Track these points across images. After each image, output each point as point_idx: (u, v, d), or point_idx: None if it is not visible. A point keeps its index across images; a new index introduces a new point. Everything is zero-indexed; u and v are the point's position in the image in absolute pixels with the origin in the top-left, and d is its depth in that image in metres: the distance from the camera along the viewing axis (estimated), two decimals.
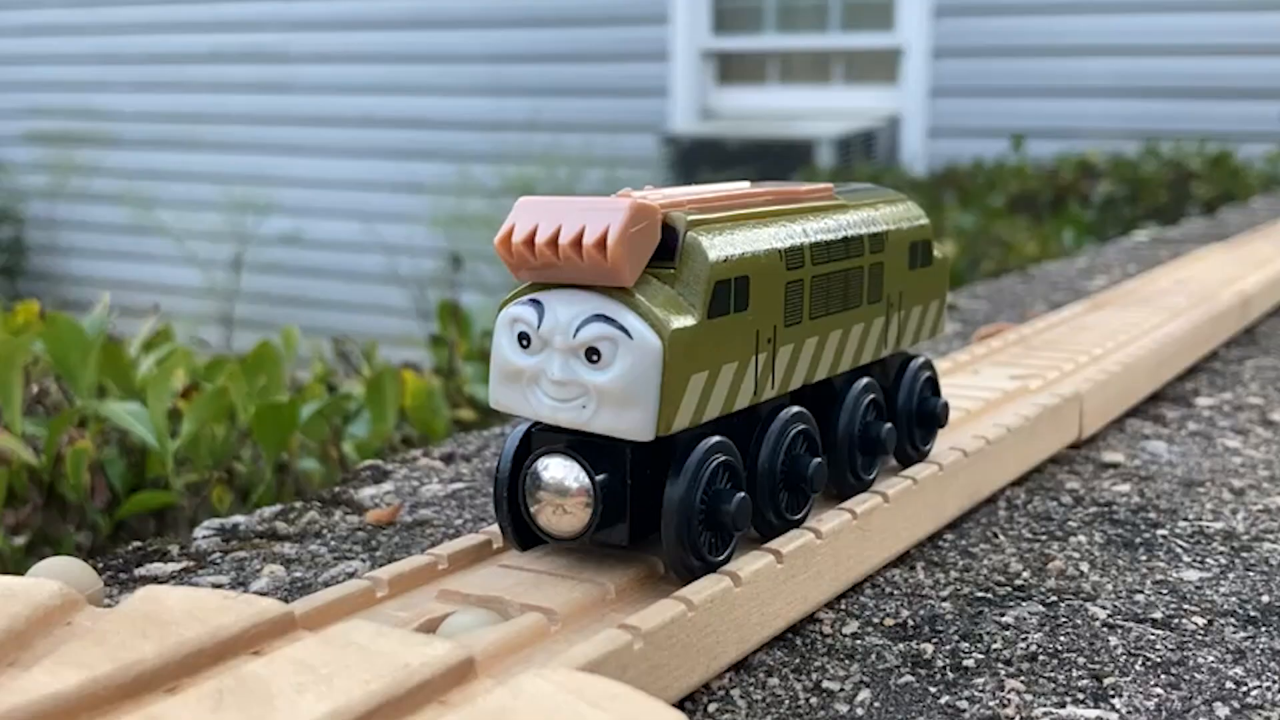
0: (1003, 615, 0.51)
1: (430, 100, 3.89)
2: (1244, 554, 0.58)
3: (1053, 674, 0.46)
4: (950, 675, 0.46)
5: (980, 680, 0.46)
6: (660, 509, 0.45)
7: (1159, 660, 0.47)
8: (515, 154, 3.61)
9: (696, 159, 3.21)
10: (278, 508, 0.67)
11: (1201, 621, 0.51)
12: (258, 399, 0.91)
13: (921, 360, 0.61)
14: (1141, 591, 0.54)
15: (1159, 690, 0.45)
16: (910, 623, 0.51)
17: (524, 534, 0.48)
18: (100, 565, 0.58)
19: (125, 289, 4.04)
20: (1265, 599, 0.53)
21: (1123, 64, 3.07)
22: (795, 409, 0.50)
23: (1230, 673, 0.46)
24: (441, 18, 3.87)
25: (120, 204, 4.34)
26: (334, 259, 4.02)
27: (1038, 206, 2.44)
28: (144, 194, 4.27)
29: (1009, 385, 0.74)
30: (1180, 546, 0.59)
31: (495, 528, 0.50)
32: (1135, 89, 3.06)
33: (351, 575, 0.56)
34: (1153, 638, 0.49)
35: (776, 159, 3.07)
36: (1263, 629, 0.50)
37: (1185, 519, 0.63)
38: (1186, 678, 0.46)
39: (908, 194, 0.70)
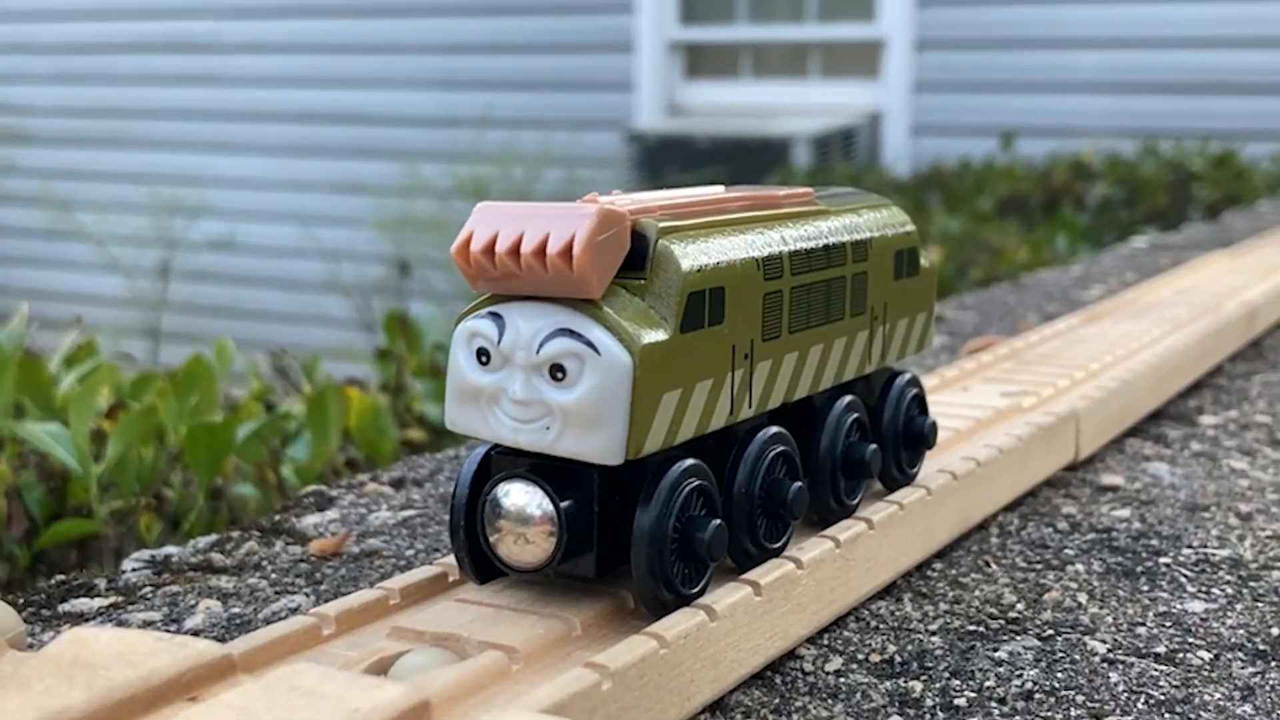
0: (996, 650, 0.52)
1: (374, 94, 3.88)
2: (1252, 583, 0.59)
3: (1050, 713, 0.47)
4: (941, 715, 0.46)
5: None
6: (630, 538, 0.45)
7: (1163, 698, 0.48)
8: (467, 153, 3.61)
9: (664, 158, 3.22)
10: (213, 538, 0.66)
11: (1207, 656, 0.51)
12: (189, 419, 0.91)
13: (908, 377, 0.61)
14: (1143, 624, 0.54)
15: None
16: (897, 659, 0.51)
17: (482, 566, 0.48)
18: (20, 601, 0.58)
19: (43, 299, 4.00)
20: (1275, 631, 0.54)
21: (1119, 57, 3.10)
22: (774, 429, 0.51)
23: (1239, 711, 0.47)
24: (387, 4, 3.87)
25: (37, 206, 4.30)
26: (270, 265, 4.01)
27: (1029, 210, 2.46)
28: (62, 195, 4.24)
29: (1001, 403, 0.75)
30: (1184, 576, 0.60)
31: (451, 559, 0.50)
32: (1132, 83, 3.09)
33: (295, 611, 0.56)
34: (1156, 674, 0.50)
35: (750, 158, 3.08)
36: (1272, 663, 0.51)
37: (1189, 546, 0.64)
38: (1192, 716, 0.46)
39: (890, 196, 0.70)
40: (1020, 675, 0.49)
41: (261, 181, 4.03)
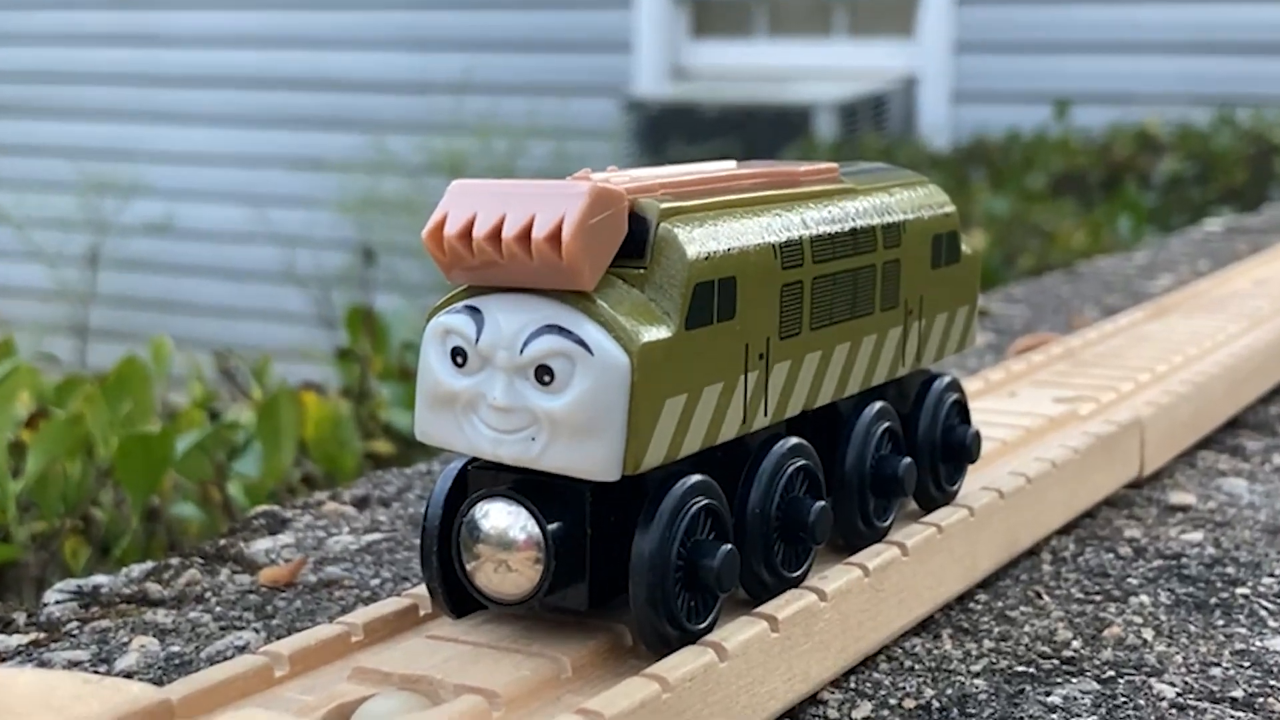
0: (1049, 694, 0.52)
1: (336, 55, 3.88)
2: None
3: None
4: None
5: None
6: (627, 565, 0.45)
7: None
8: (442, 123, 3.61)
9: (667, 129, 3.22)
10: (149, 565, 0.66)
11: None
12: (121, 429, 0.91)
13: (947, 380, 0.61)
14: (1218, 664, 0.54)
15: None
16: (935, 704, 0.51)
17: (458, 597, 0.48)
18: None
19: None
20: None
21: (1190, 12, 3.10)
22: (793, 441, 0.51)
23: None
24: None
25: None
26: (215, 252, 4.01)
27: (1086, 188, 2.46)
28: None
29: (1054, 410, 0.75)
30: (1265, 608, 0.60)
31: (422, 590, 0.50)
32: (1205, 43, 3.09)
33: (242, 650, 0.56)
34: None
35: (765, 129, 3.08)
36: None
37: (1271, 574, 0.64)
38: None
39: (926, 172, 0.70)
40: None
41: (205, 156, 4.03)
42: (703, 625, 0.47)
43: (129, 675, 0.54)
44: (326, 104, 3.89)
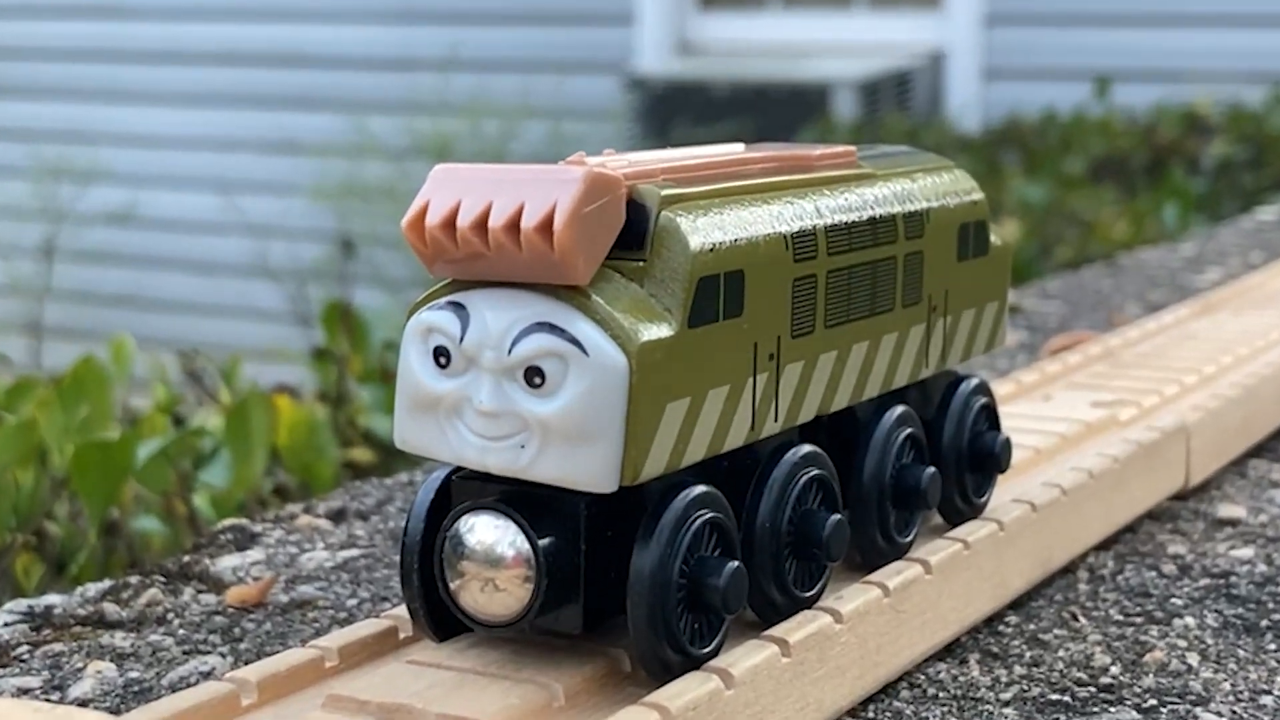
0: None
1: (313, 29, 3.88)
2: None
3: None
4: None
5: None
6: (625, 584, 0.45)
7: None
8: (428, 103, 3.61)
9: (672, 109, 3.22)
10: (106, 584, 0.66)
11: None
12: (78, 435, 0.91)
13: (975, 383, 0.61)
14: (1269, 692, 0.54)
15: None
16: None
17: (441, 619, 0.48)
18: None
19: None
20: None
21: None
22: (806, 449, 0.51)
23: None
24: None
25: None
26: (181, 244, 4.01)
27: (1129, 173, 2.46)
28: None
29: (1091, 415, 0.75)
30: None
31: (402, 610, 0.50)
32: (1258, 15, 3.08)
33: (207, 676, 0.56)
34: None
35: (779, 109, 3.08)
36: None
37: None
38: None
39: (954, 156, 0.70)
40: None
41: (171, 139, 4.03)
42: (707, 649, 0.47)
43: (84, 704, 0.54)
44: (302, 82, 3.88)
